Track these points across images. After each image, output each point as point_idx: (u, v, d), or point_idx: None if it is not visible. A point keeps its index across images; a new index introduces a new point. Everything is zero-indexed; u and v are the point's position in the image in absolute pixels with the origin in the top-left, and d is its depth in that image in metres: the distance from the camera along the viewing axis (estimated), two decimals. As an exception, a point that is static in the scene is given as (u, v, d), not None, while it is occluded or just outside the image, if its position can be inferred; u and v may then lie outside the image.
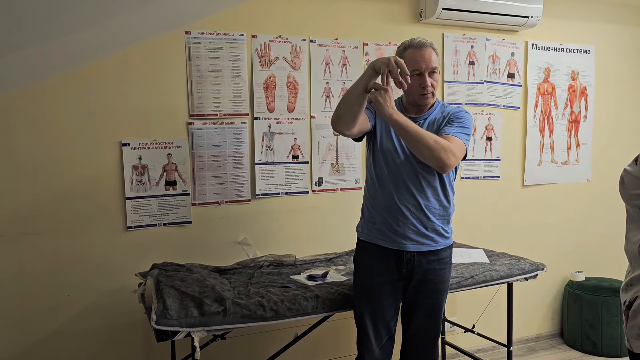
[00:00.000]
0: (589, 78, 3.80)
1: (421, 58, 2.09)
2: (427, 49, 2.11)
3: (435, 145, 1.97)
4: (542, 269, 2.80)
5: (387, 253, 2.17)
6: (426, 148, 1.97)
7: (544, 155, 3.70)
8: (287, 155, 2.99)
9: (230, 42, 2.83)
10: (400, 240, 2.15)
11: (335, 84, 3.06)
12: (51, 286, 2.59)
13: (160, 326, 1.95)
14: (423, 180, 2.13)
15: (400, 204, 2.13)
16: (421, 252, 2.16)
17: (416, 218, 2.14)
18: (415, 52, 2.11)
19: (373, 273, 2.19)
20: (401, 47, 2.17)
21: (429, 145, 1.97)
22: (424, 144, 1.97)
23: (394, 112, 1.96)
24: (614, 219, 3.94)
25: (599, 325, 3.55)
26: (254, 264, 2.74)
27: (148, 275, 2.47)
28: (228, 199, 2.88)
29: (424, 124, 2.18)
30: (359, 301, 2.23)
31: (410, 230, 2.14)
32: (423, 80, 2.10)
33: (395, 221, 2.14)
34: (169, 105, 2.75)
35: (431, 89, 2.12)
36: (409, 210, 2.13)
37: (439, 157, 1.98)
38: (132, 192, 2.70)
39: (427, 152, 1.98)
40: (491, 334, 3.10)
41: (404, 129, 1.97)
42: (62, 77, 2.56)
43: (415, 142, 1.98)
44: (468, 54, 3.40)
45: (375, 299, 2.19)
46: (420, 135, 1.97)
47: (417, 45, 2.12)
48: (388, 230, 2.16)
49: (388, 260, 2.17)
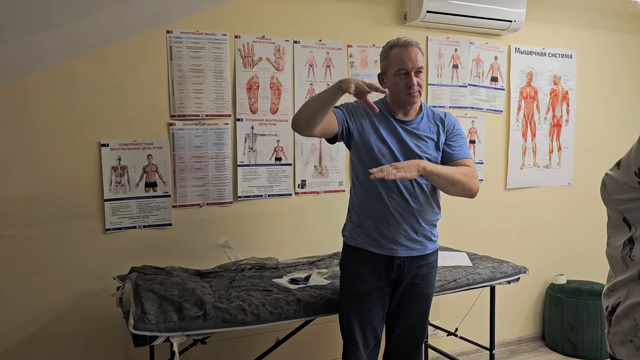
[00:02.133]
0: (570, 82, 3.83)
1: (407, 57, 2.07)
2: (413, 48, 2.08)
3: (465, 179, 2.07)
4: (525, 272, 2.81)
5: (377, 259, 2.13)
6: (460, 185, 2.06)
7: (526, 159, 3.72)
8: (269, 157, 2.96)
9: (212, 42, 2.79)
10: (390, 245, 2.12)
11: (319, 86, 3.04)
12: (26, 290, 2.52)
13: (138, 331, 1.91)
14: (417, 185, 2.11)
15: (393, 209, 2.10)
16: (411, 257, 2.14)
17: (408, 223, 2.11)
18: (401, 51, 2.08)
19: (362, 279, 2.15)
20: (386, 46, 2.15)
21: (462, 182, 2.06)
22: (458, 182, 2.05)
23: (425, 166, 1.97)
24: (595, 223, 3.98)
25: (580, 327, 3.57)
26: (236, 267, 2.70)
27: (127, 278, 2.41)
28: (210, 201, 2.84)
29: (417, 127, 2.16)
30: (346, 308, 2.19)
31: (402, 235, 2.11)
32: (409, 79, 2.07)
33: (387, 227, 2.11)
34: (149, 105, 2.70)
35: (417, 88, 2.09)
36: (401, 215, 2.10)
37: (469, 188, 2.09)
38: (111, 193, 2.64)
39: (460, 188, 2.07)
40: (473, 337, 3.09)
41: (439, 176, 2.02)
42: (38, 75, 2.49)
43: (450, 184, 2.05)
44: (452, 57, 3.40)
45: (364, 305, 2.15)
46: (453, 176, 2.04)
47: (402, 45, 2.09)
48: (378, 236, 2.12)
49: (378, 266, 2.14)
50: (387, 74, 2.14)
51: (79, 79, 2.57)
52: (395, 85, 2.11)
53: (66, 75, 2.55)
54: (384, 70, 2.15)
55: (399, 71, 2.08)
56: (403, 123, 2.15)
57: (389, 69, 2.12)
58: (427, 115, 2.20)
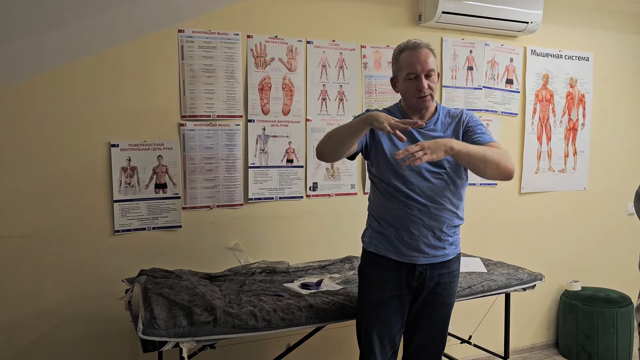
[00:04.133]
0: (587, 85, 3.76)
1: (416, 60, 2.00)
2: (422, 50, 2.01)
3: (499, 157, 1.89)
4: (541, 280, 2.75)
5: (398, 267, 2.07)
6: (494, 164, 1.89)
7: (541, 163, 3.65)
8: (281, 159, 2.91)
9: (224, 41, 2.75)
10: (412, 253, 2.05)
11: (332, 87, 2.99)
12: (34, 291, 2.49)
13: (148, 336, 1.87)
14: (439, 190, 2.04)
15: (414, 216, 2.03)
16: (432, 265, 2.08)
17: (430, 230, 2.04)
18: (411, 54, 2.02)
19: (382, 287, 2.08)
20: (397, 50, 2.09)
21: (495, 160, 1.88)
22: (492, 160, 1.88)
23: (453, 145, 1.82)
24: (611, 229, 3.92)
25: (595, 336, 3.50)
26: (246, 271, 2.66)
27: (135, 281, 2.38)
28: (220, 203, 2.80)
29: (434, 129, 2.09)
30: (365, 316, 2.13)
31: (423, 243, 2.05)
32: (419, 82, 2.00)
33: (409, 234, 2.04)
34: (160, 105, 2.66)
35: (428, 91, 2.02)
36: (422, 222, 2.03)
37: (505, 166, 1.91)
38: (120, 194, 2.61)
39: (495, 167, 1.90)
40: (486, 345, 3.04)
41: (470, 154, 1.86)
42: (48, 74, 2.46)
43: (483, 164, 1.88)
44: (467, 59, 3.35)
45: (384, 314, 2.09)
46: (485, 154, 1.87)
47: (412, 47, 2.03)
48: (399, 243, 2.06)
49: (399, 274, 2.08)
50: (398, 79, 2.09)
51: (89, 79, 2.54)
52: (406, 90, 2.05)
53: (76, 75, 2.51)
54: (395, 74, 2.10)
55: (408, 75, 2.01)
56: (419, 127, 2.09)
57: (399, 73, 2.06)
58: (442, 115, 2.14)
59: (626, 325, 3.48)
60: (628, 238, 3.87)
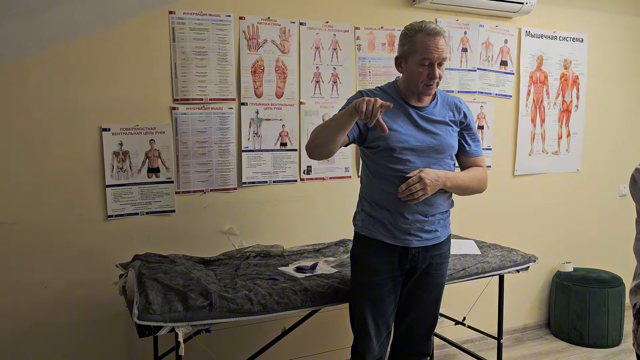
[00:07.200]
0: (581, 67, 3.75)
1: (435, 47, 1.95)
2: (440, 38, 1.96)
3: (478, 185, 2.19)
4: (535, 261, 2.76)
5: (391, 249, 2.07)
6: (472, 190, 2.18)
7: (535, 145, 3.65)
8: (275, 142, 2.89)
9: (216, 23, 2.71)
10: (405, 237, 2.06)
11: (326, 69, 2.96)
12: (27, 277, 2.48)
13: (143, 321, 1.86)
14: None
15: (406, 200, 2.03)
16: (425, 247, 2.09)
17: (423, 214, 2.05)
18: (429, 39, 1.95)
19: (375, 270, 2.09)
20: (410, 30, 2.00)
21: (474, 188, 2.19)
22: (471, 189, 2.17)
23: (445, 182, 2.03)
24: (602, 210, 3.94)
25: (586, 316, 3.54)
26: (240, 255, 2.65)
27: (130, 266, 2.37)
28: (213, 187, 2.78)
29: (433, 112, 2.09)
30: (359, 299, 2.14)
31: (416, 226, 2.05)
32: (432, 70, 1.96)
33: (403, 218, 2.04)
34: (151, 88, 2.62)
35: (438, 80, 2.00)
36: (416, 207, 2.04)
37: (479, 191, 2.22)
38: (112, 179, 2.58)
39: (471, 192, 2.20)
40: (479, 325, 3.06)
41: (458, 188, 2.11)
42: (37, 57, 2.42)
43: (464, 192, 2.16)
44: (461, 40, 3.32)
45: (378, 296, 2.10)
46: (468, 185, 2.15)
47: (431, 32, 1.95)
48: (393, 227, 2.06)
49: (392, 256, 2.08)
50: (407, 60, 2.02)
51: (79, 61, 2.49)
52: (415, 74, 1.99)
53: (66, 57, 2.46)
54: (405, 55, 2.02)
55: (423, 60, 1.96)
56: (418, 109, 2.07)
57: (411, 55, 1.99)
58: (441, 100, 2.13)
59: (617, 305, 3.52)
60: (620, 219, 3.90)
